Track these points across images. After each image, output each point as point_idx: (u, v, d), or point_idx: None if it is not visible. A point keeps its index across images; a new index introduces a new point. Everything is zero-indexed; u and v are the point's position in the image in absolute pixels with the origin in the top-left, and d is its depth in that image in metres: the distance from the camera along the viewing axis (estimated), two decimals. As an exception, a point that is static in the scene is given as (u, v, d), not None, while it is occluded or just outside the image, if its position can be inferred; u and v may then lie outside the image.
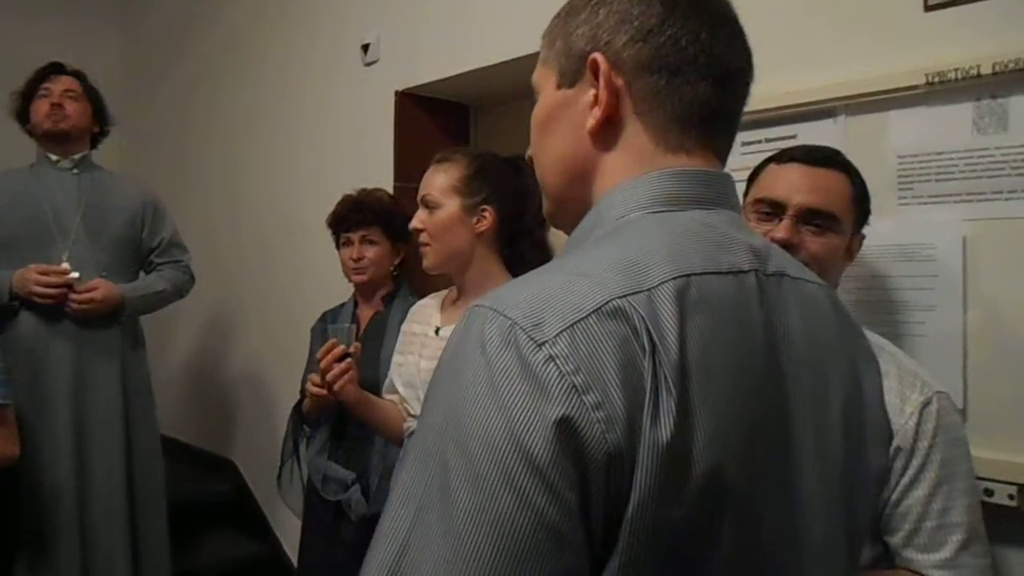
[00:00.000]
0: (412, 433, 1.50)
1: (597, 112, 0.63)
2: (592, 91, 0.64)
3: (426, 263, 1.59)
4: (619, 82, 0.63)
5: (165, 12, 3.98)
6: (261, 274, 3.22)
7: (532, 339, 0.50)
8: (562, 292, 0.52)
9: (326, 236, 2.17)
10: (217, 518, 3.22)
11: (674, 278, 0.54)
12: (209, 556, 3.02)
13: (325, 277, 2.78)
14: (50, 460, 2.24)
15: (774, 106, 1.56)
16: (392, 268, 2.10)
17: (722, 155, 0.66)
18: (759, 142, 1.62)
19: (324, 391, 1.82)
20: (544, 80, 0.69)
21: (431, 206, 1.56)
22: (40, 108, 2.40)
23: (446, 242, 1.55)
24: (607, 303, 0.51)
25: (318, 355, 1.67)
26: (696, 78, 0.62)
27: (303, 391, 2.07)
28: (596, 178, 0.65)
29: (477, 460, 0.48)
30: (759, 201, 1.24)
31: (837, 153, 1.27)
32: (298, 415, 2.12)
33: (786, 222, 1.20)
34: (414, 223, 1.59)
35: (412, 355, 1.65)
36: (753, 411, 0.56)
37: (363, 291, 2.11)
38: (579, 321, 0.50)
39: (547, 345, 0.49)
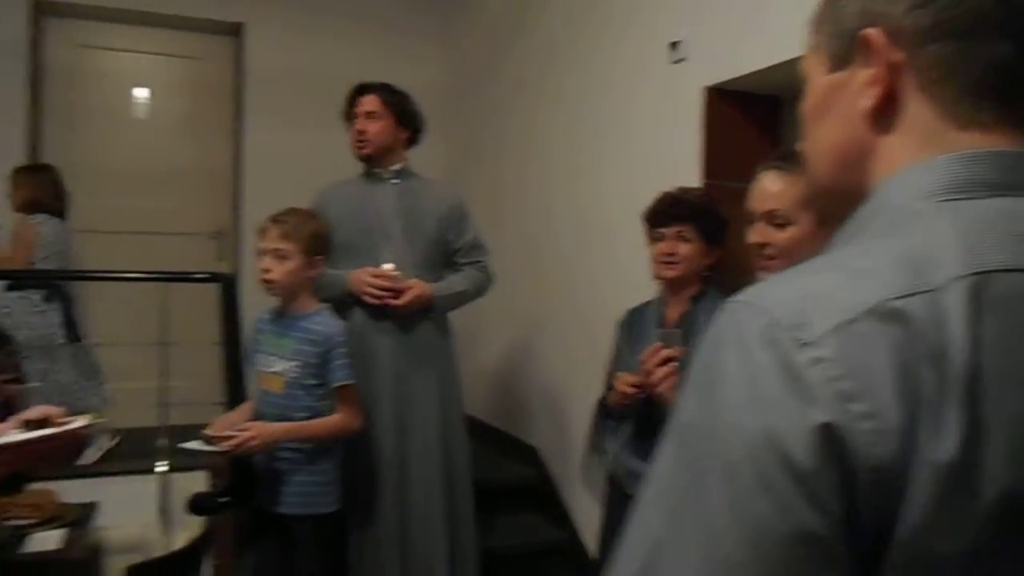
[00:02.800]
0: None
1: (873, 92, 0.57)
2: (867, 70, 0.57)
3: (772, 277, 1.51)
4: (897, 56, 0.55)
5: (485, 26, 4.29)
6: (569, 271, 3.35)
7: (795, 339, 0.46)
8: (831, 289, 0.48)
9: (629, 235, 2.19)
10: (519, 501, 3.41)
11: (967, 275, 0.47)
12: (510, 537, 3.20)
13: (628, 275, 2.82)
14: (377, 439, 2.52)
15: None
16: (703, 268, 2.07)
17: None
18: None
19: (636, 390, 1.84)
20: (813, 68, 0.63)
21: (781, 222, 1.45)
22: (351, 133, 2.68)
23: (796, 262, 1.47)
24: (883, 304, 0.46)
25: (642, 357, 1.69)
26: (991, 39, 0.53)
27: (609, 385, 2.13)
28: (873, 165, 0.58)
29: (734, 463, 0.45)
30: None
31: None
32: (603, 408, 2.18)
33: None
34: (756, 238, 1.52)
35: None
36: None
37: (671, 288, 2.10)
38: (849, 323, 0.46)
39: (811, 347, 0.45)
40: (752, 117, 2.55)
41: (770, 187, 1.50)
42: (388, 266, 2.53)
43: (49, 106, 4.16)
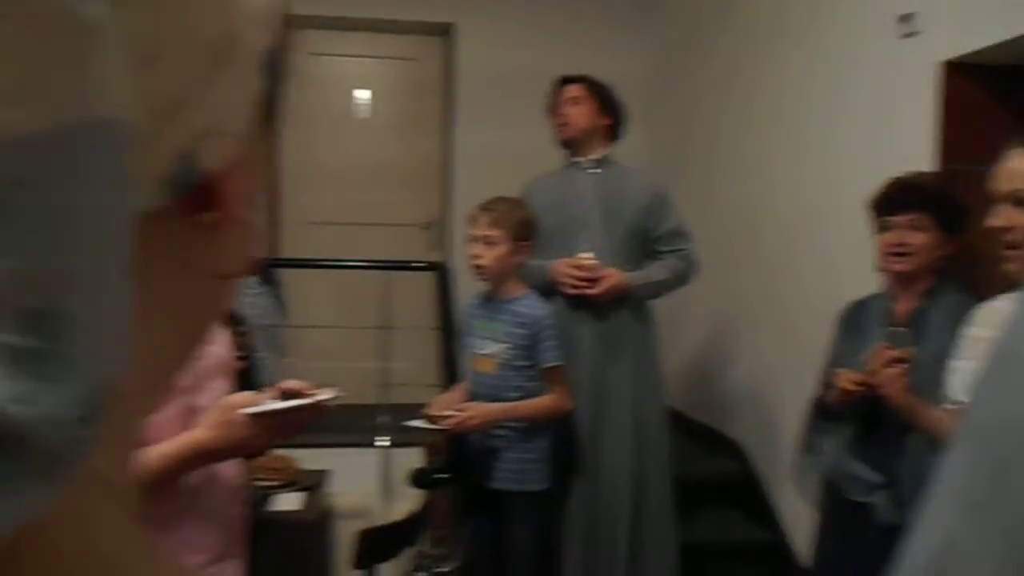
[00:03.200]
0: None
1: None
2: None
3: (1014, 267, 1.38)
4: None
5: (689, 11, 4.20)
6: (778, 260, 3.22)
7: None
8: None
9: (847, 223, 2.07)
10: (721, 497, 3.34)
11: None
12: (713, 533, 3.15)
13: (838, 265, 2.67)
14: (573, 425, 2.55)
15: None
16: (937, 261, 1.91)
17: None
18: None
19: (859, 389, 1.75)
20: None
21: None
22: (553, 120, 2.73)
23: None
24: None
25: (866, 356, 1.61)
26: None
27: (826, 382, 2.03)
28: None
29: None
30: None
31: None
32: (819, 406, 2.08)
33: None
34: (998, 221, 1.39)
35: (978, 361, 1.48)
36: None
37: (900, 282, 1.96)
38: None
39: None
40: (995, 93, 2.31)
41: (1019, 166, 1.36)
42: (586, 255, 2.56)
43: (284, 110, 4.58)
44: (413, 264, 3.27)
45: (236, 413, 1.12)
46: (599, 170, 2.73)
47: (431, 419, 2.23)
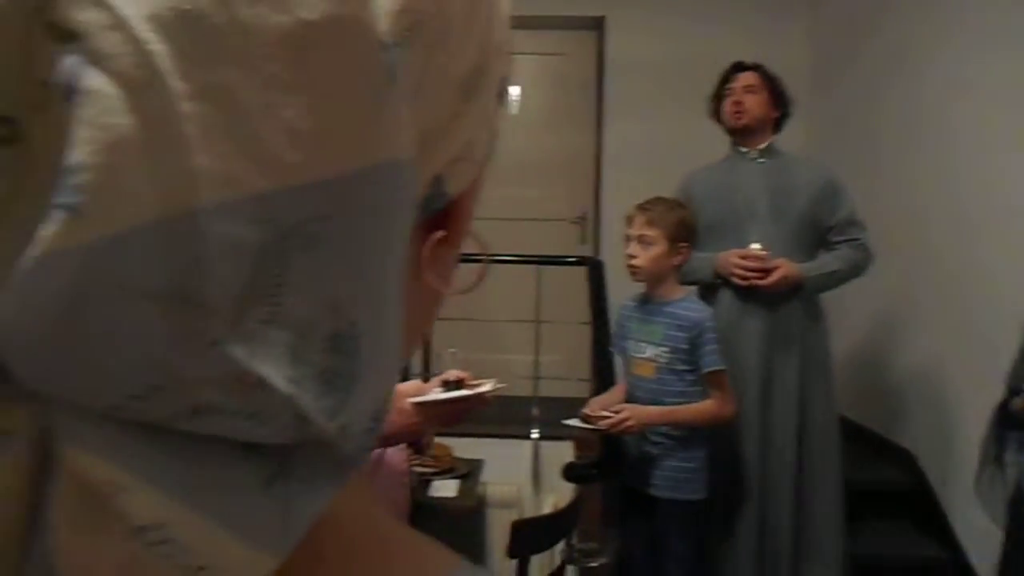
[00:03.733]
0: None
1: None
2: None
3: None
4: None
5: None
6: (954, 256, 2.99)
7: None
8: None
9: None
10: (889, 508, 3.14)
11: None
12: (881, 546, 2.97)
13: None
14: (741, 421, 2.48)
15: None
16: None
17: None
18: None
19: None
20: None
21: None
22: (725, 107, 2.66)
23: None
24: None
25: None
26: None
27: (1013, 389, 1.87)
28: None
29: None
30: None
31: None
32: (1005, 416, 1.92)
33: None
34: None
35: None
36: None
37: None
38: None
39: None
40: None
41: None
42: (755, 246, 2.49)
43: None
44: (566, 259, 3.28)
45: (404, 401, 1.17)
46: (766, 160, 2.65)
47: (587, 419, 2.24)
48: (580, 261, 3.08)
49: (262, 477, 0.23)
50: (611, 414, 2.18)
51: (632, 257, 2.25)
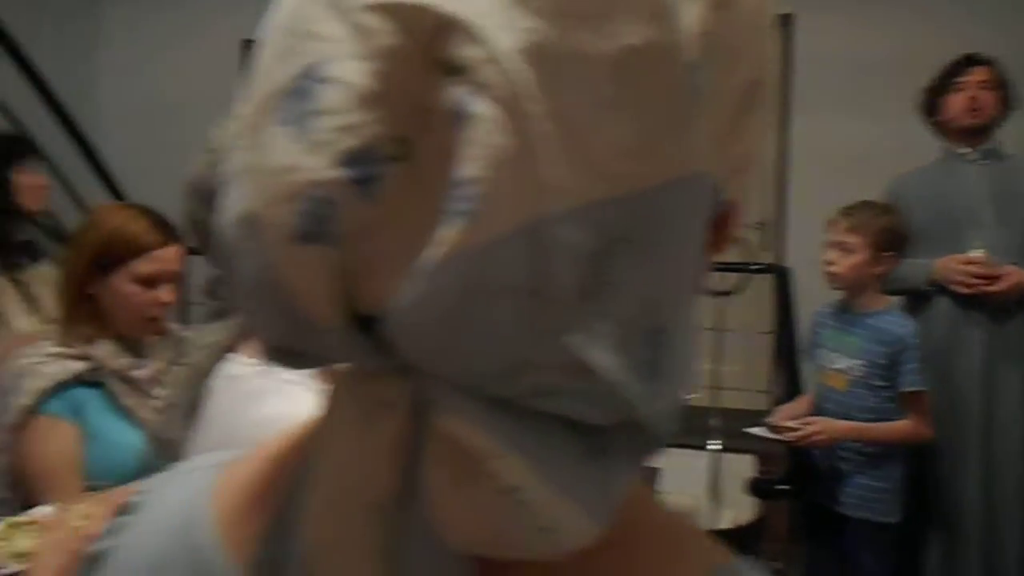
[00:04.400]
0: None
1: None
2: None
3: None
4: None
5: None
6: None
7: None
8: None
9: None
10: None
11: None
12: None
13: None
14: (959, 436, 2.29)
15: None
16: None
17: None
18: None
19: None
20: None
21: None
22: (955, 103, 2.42)
23: None
24: None
25: None
26: None
27: None
28: None
29: None
30: None
31: None
32: None
33: None
34: None
35: None
36: None
37: None
38: None
39: None
40: None
41: None
42: (978, 252, 2.30)
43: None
44: (751, 266, 3.17)
45: None
46: (989, 161, 2.44)
47: (774, 429, 2.16)
48: (766, 268, 2.97)
49: (584, 452, 0.26)
50: (799, 426, 2.09)
51: (830, 264, 2.15)
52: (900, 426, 2.10)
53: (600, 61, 0.24)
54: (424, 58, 0.24)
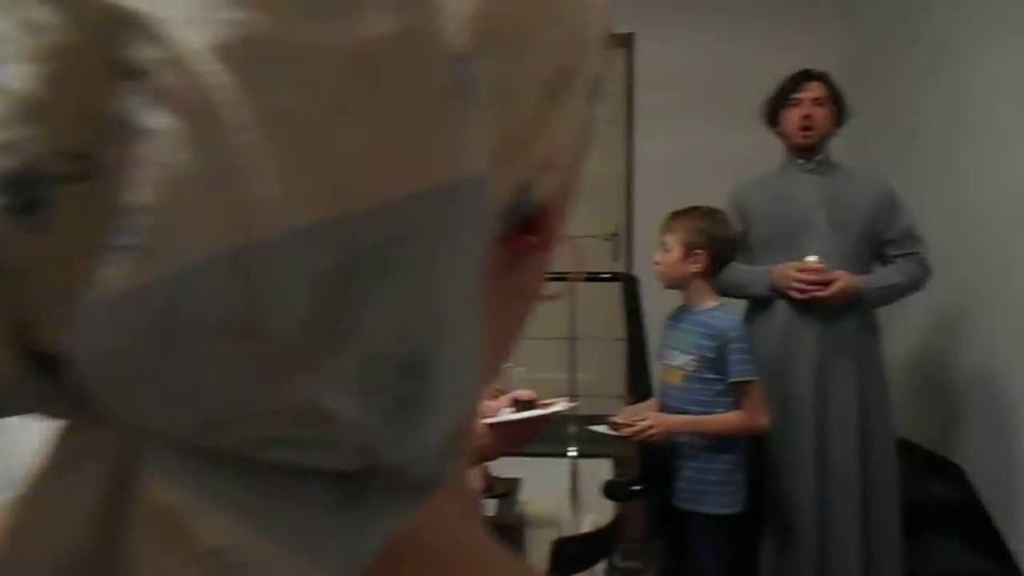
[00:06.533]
0: None
1: None
2: None
3: None
4: None
5: (885, 5, 3.93)
6: (1006, 263, 2.92)
7: None
8: None
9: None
10: (940, 525, 3.06)
11: None
12: (935, 562, 2.89)
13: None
14: (795, 435, 2.44)
15: None
16: None
17: None
18: None
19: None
20: None
21: None
22: (790, 119, 2.57)
23: None
24: None
25: None
26: None
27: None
28: None
29: None
30: None
31: None
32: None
33: None
34: None
35: None
36: None
37: None
38: None
39: None
40: None
41: None
42: (812, 258, 2.46)
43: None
44: (600, 275, 3.27)
45: (476, 422, 1.16)
46: (823, 172, 2.60)
47: (615, 426, 2.23)
48: (613, 277, 3.07)
49: (334, 501, 0.23)
50: (637, 421, 2.17)
51: (656, 263, 2.28)
52: (733, 417, 2.20)
53: (334, 55, 0.20)
54: (102, 59, 0.20)
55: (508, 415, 1.18)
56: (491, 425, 1.14)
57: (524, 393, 1.24)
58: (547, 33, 0.25)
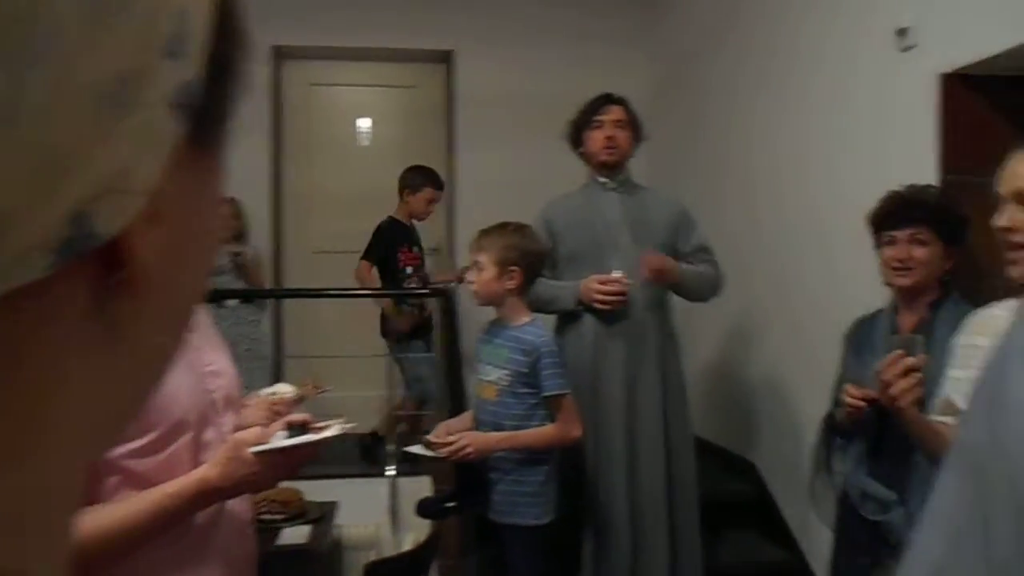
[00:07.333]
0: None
1: None
2: None
3: (1017, 272, 1.37)
4: None
5: (693, 27, 4.22)
6: (785, 278, 3.20)
7: None
8: None
9: (848, 237, 2.05)
10: (738, 519, 3.29)
11: None
12: (731, 555, 3.10)
13: (847, 280, 2.64)
14: (607, 442, 2.55)
15: None
16: (942, 273, 1.89)
17: None
18: None
19: (865, 405, 1.73)
20: None
21: None
22: (594, 139, 2.70)
23: None
24: None
25: (879, 367, 1.58)
26: None
27: (836, 400, 2.00)
28: None
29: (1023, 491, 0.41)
30: None
31: None
32: (830, 425, 2.05)
33: None
34: (1002, 222, 1.38)
35: (975, 370, 1.45)
36: None
37: (905, 296, 1.94)
38: None
39: None
40: (994, 104, 2.29)
41: (1022, 168, 1.36)
42: (617, 273, 2.56)
43: (287, 140, 4.63)
44: (417, 290, 3.26)
45: (244, 451, 1.09)
46: (624, 191, 2.74)
47: (430, 445, 2.20)
48: (432, 292, 3.07)
49: None
50: (452, 440, 2.16)
51: (470, 283, 2.29)
52: (547, 430, 2.24)
53: None
54: None
55: (279, 441, 1.12)
56: (260, 454, 1.08)
57: (297, 417, 1.19)
58: (91, 29, 0.21)
